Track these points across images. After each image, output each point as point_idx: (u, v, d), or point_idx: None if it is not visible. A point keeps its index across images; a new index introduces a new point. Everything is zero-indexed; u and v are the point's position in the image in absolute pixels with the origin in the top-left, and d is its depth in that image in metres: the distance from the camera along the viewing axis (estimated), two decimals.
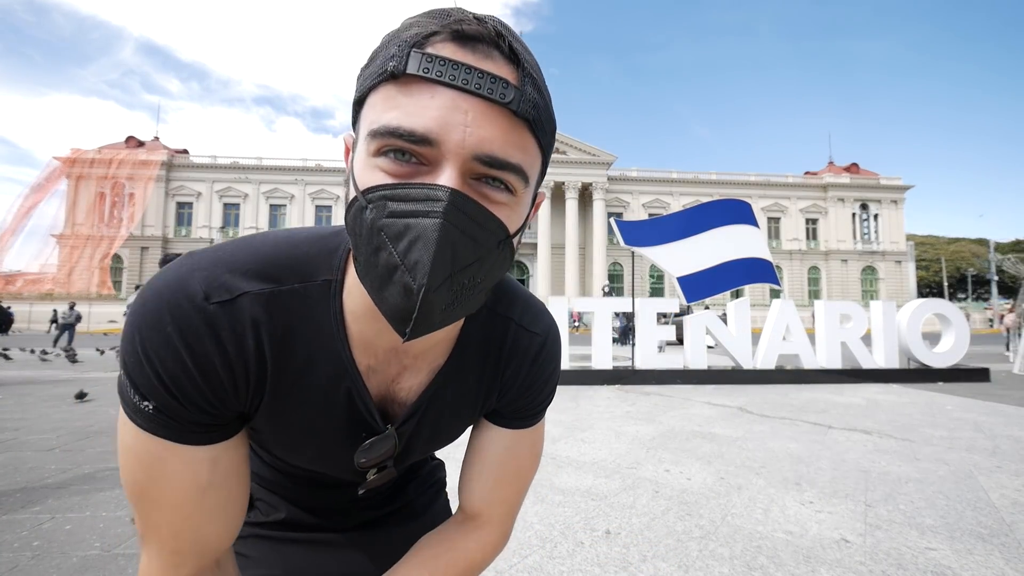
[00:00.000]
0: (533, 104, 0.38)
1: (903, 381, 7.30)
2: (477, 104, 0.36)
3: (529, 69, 0.39)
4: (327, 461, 0.57)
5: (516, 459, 0.63)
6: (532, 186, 0.43)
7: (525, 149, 0.39)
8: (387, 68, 0.36)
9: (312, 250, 0.50)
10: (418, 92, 0.36)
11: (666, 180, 43.84)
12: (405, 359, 0.53)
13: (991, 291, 39.13)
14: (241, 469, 0.50)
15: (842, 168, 46.57)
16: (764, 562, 1.91)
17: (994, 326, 34.98)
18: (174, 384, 0.42)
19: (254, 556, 0.66)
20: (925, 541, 2.10)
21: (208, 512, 0.46)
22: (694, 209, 7.82)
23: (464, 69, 0.36)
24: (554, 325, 0.62)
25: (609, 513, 2.39)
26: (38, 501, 2.50)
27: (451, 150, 0.36)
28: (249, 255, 0.47)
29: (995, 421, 4.60)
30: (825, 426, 4.36)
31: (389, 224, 0.36)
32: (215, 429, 0.46)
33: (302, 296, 0.47)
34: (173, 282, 0.43)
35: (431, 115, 0.36)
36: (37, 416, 4.61)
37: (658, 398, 5.85)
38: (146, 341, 0.41)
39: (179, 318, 0.41)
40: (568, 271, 39.10)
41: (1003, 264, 17.04)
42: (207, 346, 0.42)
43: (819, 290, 43.65)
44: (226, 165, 40.88)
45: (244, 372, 0.45)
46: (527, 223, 0.45)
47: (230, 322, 0.43)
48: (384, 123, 0.36)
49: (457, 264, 0.37)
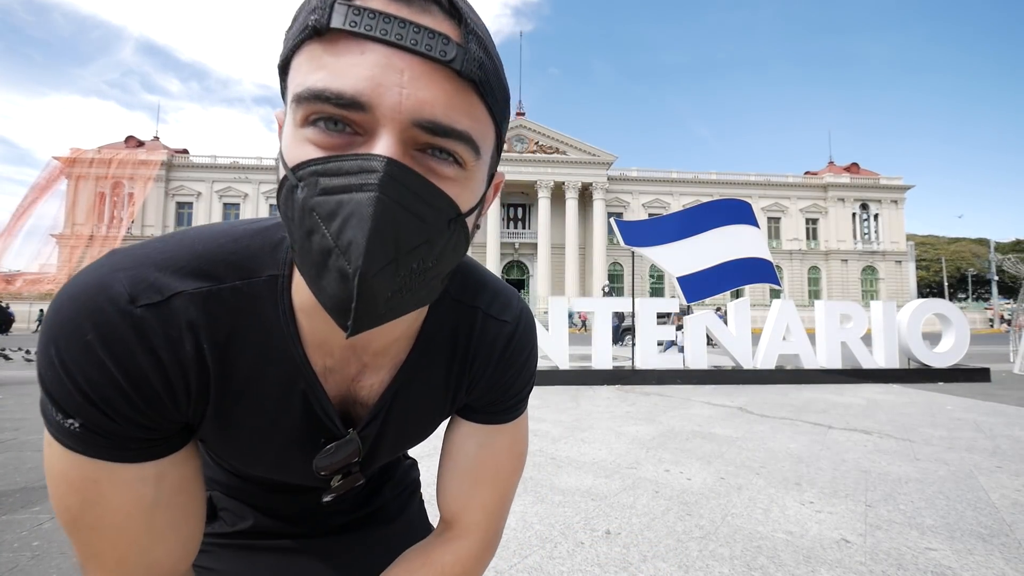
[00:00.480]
0: (479, 64, 0.34)
1: (903, 381, 7.29)
2: (414, 62, 0.32)
3: (473, 26, 0.34)
4: (286, 470, 0.52)
5: (493, 457, 0.58)
6: (485, 160, 0.38)
7: (473, 115, 0.35)
8: (309, 23, 0.32)
9: (254, 243, 0.45)
10: (346, 50, 0.32)
11: (666, 180, 43.84)
12: (364, 356, 0.48)
13: (991, 291, 39.16)
14: (192, 483, 0.45)
15: (842, 168, 46.57)
16: (764, 562, 1.91)
17: (994, 326, 35.01)
18: (101, 399, 0.37)
19: (220, 569, 0.61)
20: (925, 541, 2.10)
21: (157, 533, 0.42)
22: (694, 209, 7.82)
23: (398, 23, 0.31)
24: (525, 312, 0.57)
25: (609, 513, 2.39)
26: (38, 501, 2.50)
27: (386, 115, 0.32)
28: (182, 251, 0.42)
29: (995, 421, 4.60)
30: (825, 426, 4.36)
31: (321, 202, 0.32)
32: (156, 444, 0.41)
33: (245, 294, 0.43)
34: (92, 284, 0.37)
35: (361, 74, 0.31)
36: (37, 416, 4.59)
37: (658, 398, 5.85)
38: (63, 352, 0.36)
39: (101, 324, 0.36)
40: (568, 271, 39.11)
41: (1003, 264, 17.03)
42: (136, 355, 0.37)
43: (819, 290, 43.65)
44: (226, 165, 40.90)
45: (183, 381, 0.40)
46: (485, 203, 0.41)
47: (162, 326, 0.38)
48: (308, 86, 0.32)
49: (401, 245, 0.33)
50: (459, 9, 0.33)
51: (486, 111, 0.36)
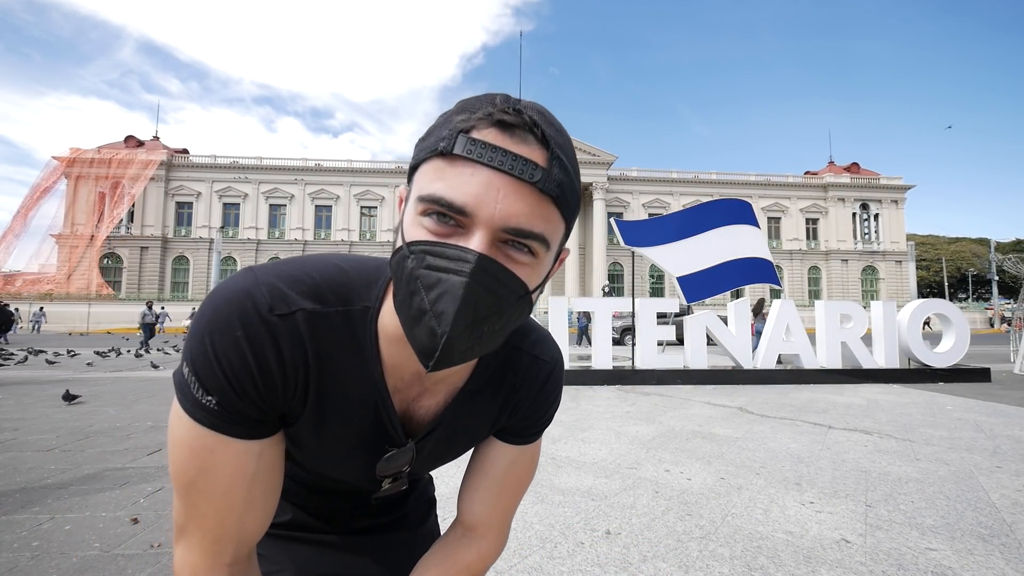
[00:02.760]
0: (558, 183, 0.44)
1: (903, 381, 7.30)
2: (509, 183, 0.42)
3: (558, 152, 0.45)
4: (348, 468, 0.62)
5: (516, 471, 0.70)
6: (554, 248, 0.49)
7: (548, 220, 0.45)
8: (439, 147, 0.43)
9: (357, 278, 0.56)
10: (461, 169, 0.42)
11: (666, 180, 43.85)
12: (427, 382, 0.59)
13: (992, 291, 39.14)
14: (279, 463, 0.56)
15: (842, 168, 46.57)
16: (764, 562, 1.90)
17: (995, 326, 35.01)
18: (238, 382, 0.47)
19: (264, 554, 0.70)
20: (926, 541, 2.10)
21: (251, 502, 0.52)
22: (694, 209, 7.82)
23: (500, 152, 0.42)
24: (560, 353, 0.70)
25: (609, 513, 2.39)
26: (37, 501, 2.50)
27: (483, 220, 0.42)
28: (304, 275, 0.53)
29: (996, 421, 4.60)
30: (825, 426, 4.36)
31: (425, 275, 0.43)
32: (263, 425, 0.51)
33: (344, 318, 0.54)
34: (243, 291, 0.49)
35: (469, 191, 0.42)
36: (37, 416, 4.61)
37: (658, 398, 5.85)
38: (216, 343, 0.47)
39: (247, 325, 0.48)
40: (568, 271, 39.11)
41: (1004, 264, 17.00)
42: (268, 352, 0.48)
43: (819, 290, 43.65)
44: (226, 165, 40.88)
45: (295, 378, 0.51)
46: (549, 276, 0.52)
47: (287, 333, 0.49)
48: (431, 192, 0.43)
49: (479, 315, 0.43)
50: (548, 140, 0.44)
51: (560, 216, 0.47)
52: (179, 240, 40.20)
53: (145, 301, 17.85)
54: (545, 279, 0.50)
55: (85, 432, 3.98)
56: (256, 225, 40.73)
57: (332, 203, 41.68)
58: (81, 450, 3.46)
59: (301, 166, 41.77)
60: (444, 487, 2.73)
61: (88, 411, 4.87)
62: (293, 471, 0.69)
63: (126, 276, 39.03)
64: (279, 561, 0.70)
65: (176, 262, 40.39)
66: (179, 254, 40.32)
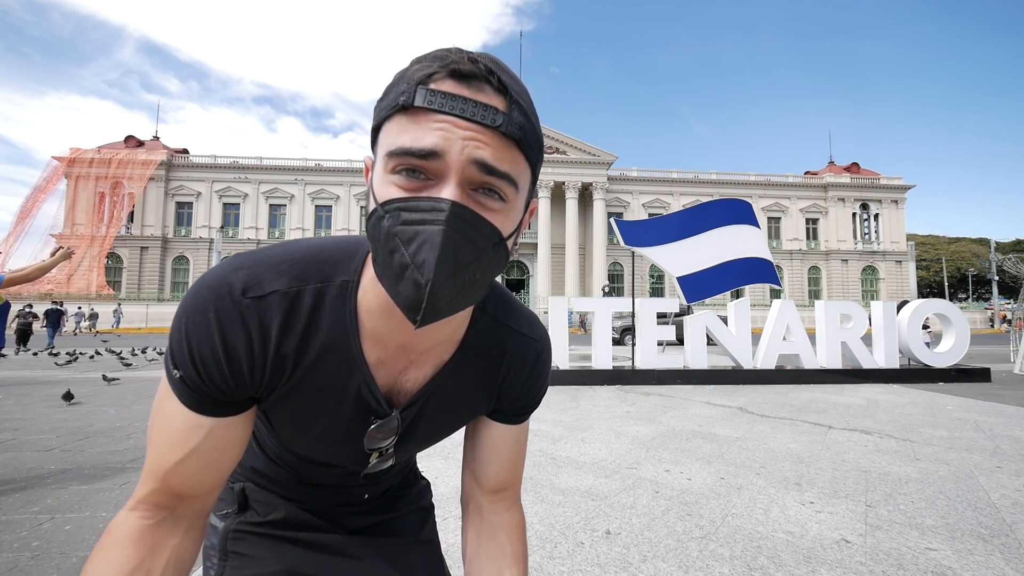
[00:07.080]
0: (519, 126, 0.46)
1: (903, 381, 7.29)
2: (472, 127, 0.44)
3: (516, 97, 0.46)
4: (334, 446, 0.63)
5: (520, 444, 0.74)
6: (523, 193, 0.50)
7: (514, 161, 0.46)
8: (399, 102, 0.44)
9: (335, 254, 0.58)
10: (424, 120, 0.44)
11: (666, 180, 43.83)
12: (412, 355, 0.60)
13: (992, 291, 39.13)
14: (230, 446, 0.57)
15: (842, 168, 46.56)
16: (764, 562, 1.90)
17: (995, 326, 35.00)
18: (202, 361, 0.50)
19: (253, 555, 0.70)
20: (926, 541, 2.10)
21: (186, 471, 0.54)
22: (694, 209, 7.81)
23: (460, 100, 0.43)
24: (546, 332, 0.72)
25: (609, 513, 2.39)
26: (38, 501, 2.50)
27: (452, 164, 0.43)
28: (285, 257, 0.56)
29: (996, 421, 4.60)
30: (825, 426, 4.36)
31: (402, 230, 0.44)
32: (220, 405, 0.54)
33: (322, 294, 0.55)
34: (220, 276, 0.52)
35: (435, 135, 0.43)
36: (37, 416, 4.61)
37: (658, 398, 5.85)
38: (190, 322, 0.50)
39: (219, 308, 0.50)
40: (568, 271, 39.10)
41: (1004, 264, 17.01)
42: (236, 333, 0.51)
43: (819, 290, 43.64)
44: (226, 165, 40.87)
45: (263, 359, 0.53)
46: (521, 227, 0.53)
47: (259, 315, 0.52)
48: (399, 145, 0.44)
49: (459, 263, 0.44)
50: (505, 85, 0.45)
51: (524, 159, 0.48)
52: (179, 240, 40.19)
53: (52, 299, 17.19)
54: (518, 228, 0.52)
55: (85, 432, 3.98)
56: (256, 225, 40.71)
57: (332, 203, 41.67)
58: (81, 450, 3.46)
59: (301, 166, 41.75)
60: (444, 487, 2.75)
61: (88, 411, 4.87)
62: (281, 455, 0.70)
63: (126, 276, 39.03)
64: (268, 563, 0.69)
65: (176, 262, 40.38)
66: (179, 254, 40.30)
